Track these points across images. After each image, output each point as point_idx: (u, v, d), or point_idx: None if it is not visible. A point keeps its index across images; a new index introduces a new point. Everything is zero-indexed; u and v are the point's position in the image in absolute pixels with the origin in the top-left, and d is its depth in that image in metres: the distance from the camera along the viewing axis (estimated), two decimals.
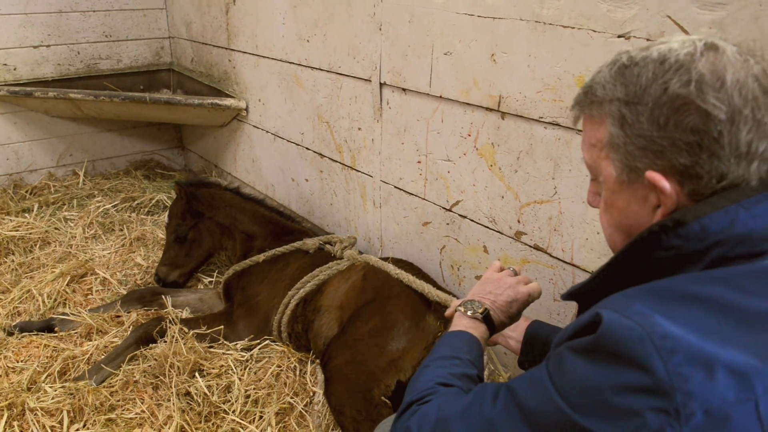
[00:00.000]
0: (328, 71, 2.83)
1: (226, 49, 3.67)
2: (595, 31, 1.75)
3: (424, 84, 2.32)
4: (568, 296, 1.06)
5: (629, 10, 1.67)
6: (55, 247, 3.55)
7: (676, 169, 0.90)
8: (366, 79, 2.60)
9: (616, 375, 0.78)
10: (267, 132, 3.48)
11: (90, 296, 3.18)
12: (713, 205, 0.87)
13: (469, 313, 1.32)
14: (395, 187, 2.63)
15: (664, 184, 0.90)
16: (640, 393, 0.75)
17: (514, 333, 1.54)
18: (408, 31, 2.32)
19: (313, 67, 2.93)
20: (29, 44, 3.93)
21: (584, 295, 1.02)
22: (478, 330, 1.30)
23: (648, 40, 1.64)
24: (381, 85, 2.52)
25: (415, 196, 2.54)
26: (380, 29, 2.45)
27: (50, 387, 2.44)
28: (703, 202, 0.89)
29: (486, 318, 1.31)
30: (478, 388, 1.02)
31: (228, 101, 3.61)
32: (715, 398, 0.71)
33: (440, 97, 2.27)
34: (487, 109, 2.10)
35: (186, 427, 2.21)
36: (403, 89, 2.43)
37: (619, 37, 1.70)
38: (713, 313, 0.77)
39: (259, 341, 2.64)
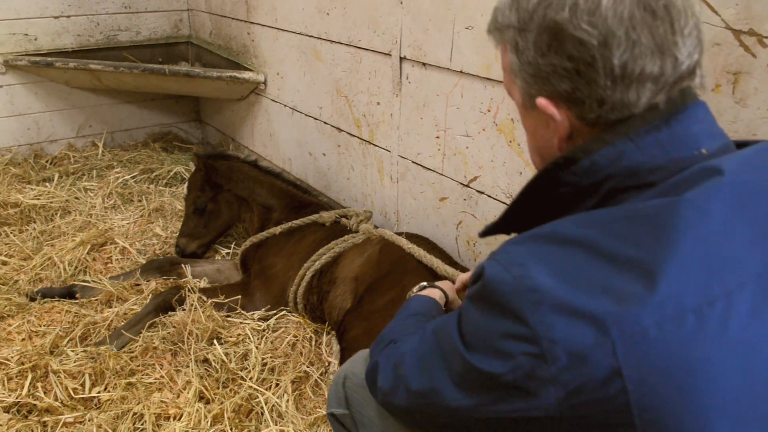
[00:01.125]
0: (347, 45, 2.83)
1: (245, 21, 3.66)
2: None
3: (444, 58, 2.31)
4: (483, 235, 1.10)
5: None
6: (75, 216, 3.60)
7: (562, 96, 0.91)
8: (386, 53, 2.60)
9: (498, 323, 0.85)
10: (285, 106, 3.49)
11: (110, 264, 3.23)
12: (602, 141, 0.88)
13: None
14: (413, 162, 2.64)
15: (552, 110, 0.92)
16: (517, 340, 0.82)
17: None
18: (429, 4, 2.31)
19: (332, 41, 2.93)
20: (50, 14, 3.95)
21: (503, 225, 1.06)
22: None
23: None
24: (401, 59, 2.52)
25: (433, 171, 2.55)
26: (401, 2, 2.44)
27: (72, 351, 2.50)
28: (595, 138, 0.90)
29: None
30: (426, 326, 1.10)
31: (246, 74, 3.62)
32: (575, 343, 0.77)
33: (460, 72, 2.26)
34: None
35: (204, 392, 2.26)
36: (423, 64, 2.43)
37: None
38: (587, 257, 0.81)
39: (275, 311, 2.68)
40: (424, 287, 1.60)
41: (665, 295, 0.75)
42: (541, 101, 0.93)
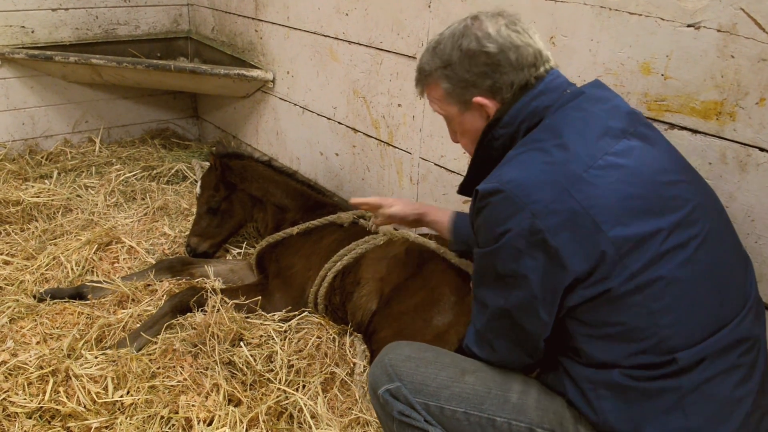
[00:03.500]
0: (367, 46, 2.83)
1: (253, 19, 3.63)
2: (663, 20, 1.78)
3: None
4: (460, 191, 1.70)
5: (701, 0, 1.70)
6: (78, 214, 3.53)
7: (487, 90, 1.50)
8: (410, 56, 2.61)
9: (493, 211, 1.36)
10: (295, 105, 3.48)
11: (117, 264, 3.18)
12: (512, 102, 1.48)
13: None
14: (435, 164, 2.67)
15: (484, 101, 1.51)
16: (510, 215, 1.33)
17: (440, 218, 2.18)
18: (461, 9, 2.33)
19: (350, 41, 2.92)
20: (47, 6, 3.85)
21: (469, 188, 1.57)
22: None
23: (719, 31, 1.68)
24: None
25: (457, 173, 2.57)
26: (429, 6, 2.45)
27: (90, 354, 2.45)
28: (506, 103, 1.49)
29: None
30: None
31: (255, 72, 3.58)
32: (540, 202, 1.30)
33: None
34: None
35: (235, 394, 2.25)
36: None
37: (689, 26, 1.74)
38: (531, 157, 1.39)
39: (297, 312, 2.68)
40: None
41: (577, 154, 1.34)
42: (477, 99, 1.51)
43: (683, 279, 1.31)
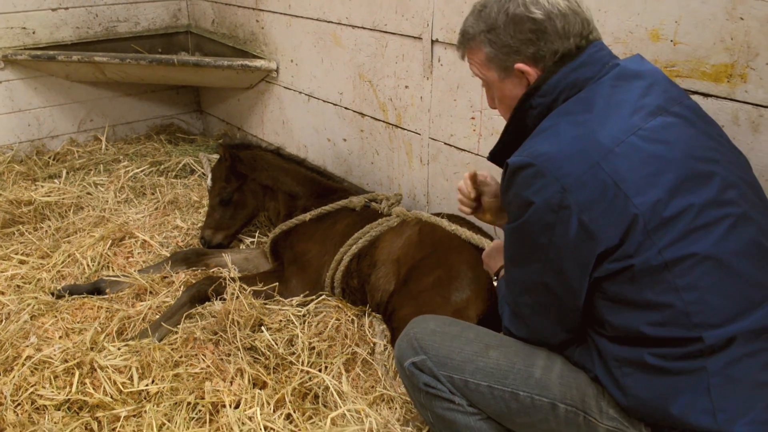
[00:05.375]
0: (371, 29, 2.84)
1: (254, 9, 3.63)
2: None
3: None
4: (490, 158, 1.69)
5: None
6: (89, 211, 3.55)
7: (530, 57, 1.48)
8: (416, 37, 2.62)
9: (524, 184, 1.36)
10: (300, 93, 3.49)
11: (131, 259, 3.20)
12: (552, 71, 1.45)
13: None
14: (445, 143, 2.68)
15: (526, 68, 1.49)
16: (541, 188, 1.33)
17: None
18: None
19: (354, 26, 2.93)
20: (47, 7, 3.86)
21: (500, 155, 1.61)
22: None
23: None
24: (432, 42, 2.55)
25: (468, 152, 2.59)
26: None
27: (113, 346, 2.48)
28: (547, 71, 1.47)
29: None
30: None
31: (258, 62, 3.59)
32: (571, 175, 1.31)
33: None
34: None
35: (260, 377, 2.28)
36: None
37: None
38: (563, 130, 1.38)
39: (315, 296, 2.71)
40: (501, 269, 1.86)
41: (609, 128, 1.35)
42: (519, 65, 1.49)
43: (713, 257, 1.29)
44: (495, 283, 1.91)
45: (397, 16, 2.68)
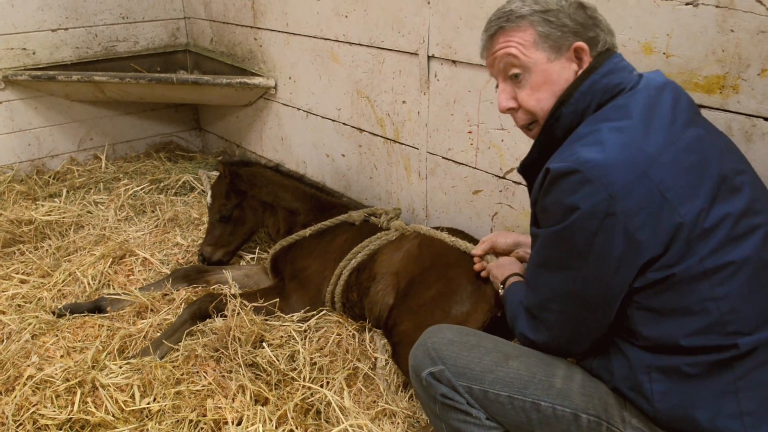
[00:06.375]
0: (368, 46, 2.87)
1: (252, 27, 3.68)
2: None
3: (476, 55, 2.36)
4: (521, 169, 1.65)
5: None
6: (89, 230, 3.57)
7: (586, 41, 1.47)
8: (412, 53, 2.65)
9: (568, 191, 1.33)
10: (299, 109, 3.52)
11: (132, 276, 3.21)
12: (582, 79, 1.46)
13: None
14: (443, 157, 2.71)
15: (586, 47, 1.47)
16: (586, 196, 1.30)
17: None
18: (460, 3, 2.37)
19: (351, 43, 2.97)
20: (47, 27, 3.90)
21: (531, 167, 1.59)
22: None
23: (717, 7, 1.72)
24: (429, 57, 2.58)
25: (465, 165, 2.61)
26: (428, 2, 2.50)
27: (114, 364, 2.48)
28: (577, 79, 1.47)
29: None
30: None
31: (257, 80, 3.63)
32: (618, 183, 1.29)
33: None
34: None
35: (262, 393, 2.28)
36: (453, 61, 2.50)
37: (687, 4, 1.78)
38: (607, 137, 1.35)
39: (315, 312, 2.71)
40: (509, 278, 1.88)
41: (652, 137, 1.35)
42: (580, 44, 1.47)
43: (748, 265, 1.31)
44: (501, 293, 1.91)
45: (393, 32, 2.71)
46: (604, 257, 1.33)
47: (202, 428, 2.20)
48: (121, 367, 2.46)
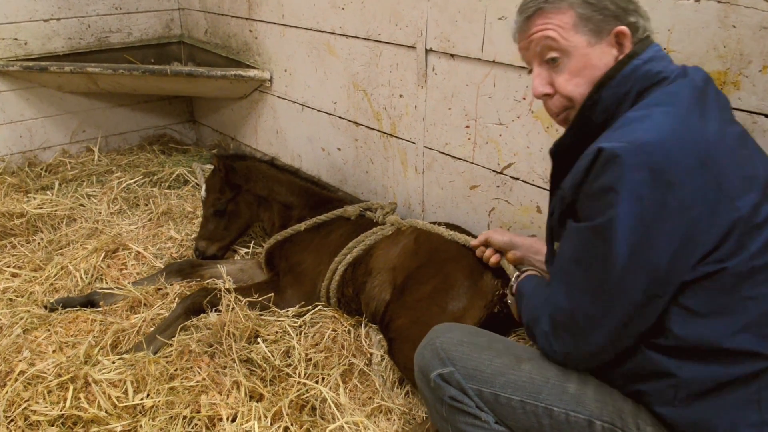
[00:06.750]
0: (365, 39, 2.84)
1: (247, 19, 3.63)
2: None
3: (475, 49, 2.35)
4: (554, 149, 1.55)
5: None
6: (82, 223, 3.53)
7: (629, 25, 1.41)
8: (409, 46, 2.62)
9: (621, 175, 1.22)
10: (294, 102, 3.49)
11: (125, 271, 3.18)
12: (624, 63, 1.39)
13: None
14: (440, 152, 2.68)
15: (628, 32, 1.42)
16: (643, 182, 1.21)
17: (539, 255, 1.98)
18: None
19: (348, 35, 2.94)
20: (39, 18, 3.84)
21: (563, 149, 1.50)
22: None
23: (719, 2, 1.70)
24: (427, 51, 2.55)
25: (463, 160, 2.59)
26: None
27: (107, 359, 2.46)
28: (618, 63, 1.41)
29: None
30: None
31: (252, 72, 3.59)
32: (678, 171, 1.21)
33: (493, 61, 2.31)
34: None
35: (257, 389, 2.26)
36: (451, 55, 2.47)
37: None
38: (661, 121, 1.26)
39: (311, 307, 2.69)
40: (518, 276, 1.82)
41: (706, 128, 1.28)
42: (621, 28, 1.41)
43: None
44: (514, 284, 1.81)
45: (390, 25, 2.68)
46: (656, 251, 1.23)
47: (196, 425, 2.18)
48: (113, 363, 2.43)
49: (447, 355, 1.55)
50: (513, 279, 1.85)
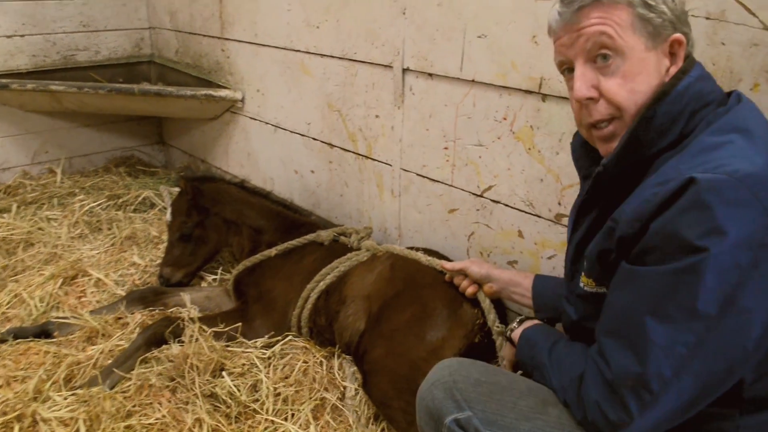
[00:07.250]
0: (340, 58, 2.76)
1: (219, 38, 3.53)
2: None
3: (453, 68, 2.28)
4: (602, 171, 1.32)
5: None
6: (40, 248, 3.34)
7: (684, 35, 1.29)
8: (386, 65, 2.54)
9: (713, 209, 1.06)
10: (266, 123, 3.37)
11: (84, 298, 3.01)
12: (678, 78, 1.26)
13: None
14: (417, 174, 2.59)
15: (684, 40, 1.29)
16: (740, 217, 1.06)
17: (518, 288, 1.94)
18: (436, 14, 2.27)
19: (323, 55, 2.85)
20: (2, 34, 3.70)
21: (612, 172, 1.31)
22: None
23: (708, 19, 1.64)
24: (404, 70, 2.47)
25: (441, 183, 2.50)
26: (404, 13, 2.39)
27: (58, 395, 2.28)
28: (673, 77, 1.27)
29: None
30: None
31: (223, 92, 3.48)
32: None
33: (472, 81, 2.23)
34: (526, 91, 2.08)
35: (220, 428, 2.10)
36: (429, 74, 2.39)
37: None
38: (746, 150, 1.14)
39: (280, 337, 2.54)
40: (522, 321, 1.70)
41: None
42: (678, 36, 1.28)
43: None
44: (507, 333, 1.72)
45: (366, 44, 2.60)
46: (755, 302, 1.08)
47: None
48: (66, 399, 2.26)
49: (463, 397, 1.37)
50: (515, 323, 1.71)
